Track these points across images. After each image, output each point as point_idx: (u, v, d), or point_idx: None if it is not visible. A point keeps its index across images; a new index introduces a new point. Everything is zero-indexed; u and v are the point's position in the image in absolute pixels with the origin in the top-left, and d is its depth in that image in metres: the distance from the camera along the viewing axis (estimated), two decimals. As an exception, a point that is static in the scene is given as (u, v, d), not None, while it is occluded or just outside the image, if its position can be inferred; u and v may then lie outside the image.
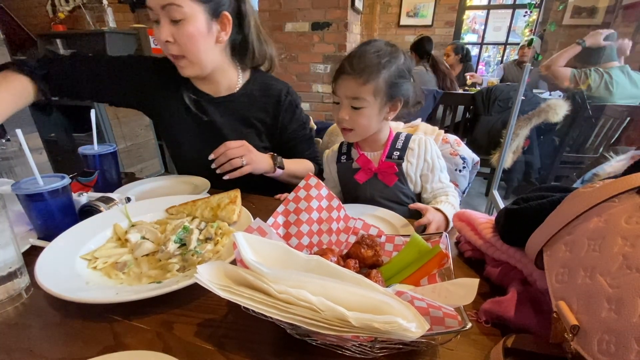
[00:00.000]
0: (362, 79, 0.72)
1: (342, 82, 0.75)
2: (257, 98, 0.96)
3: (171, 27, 0.77)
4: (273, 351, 0.42)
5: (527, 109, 2.14)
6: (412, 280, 0.49)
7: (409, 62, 0.77)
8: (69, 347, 0.39)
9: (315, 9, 2.56)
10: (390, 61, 0.73)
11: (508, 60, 3.88)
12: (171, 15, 0.75)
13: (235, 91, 0.95)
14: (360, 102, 0.74)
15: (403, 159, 0.81)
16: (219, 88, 0.94)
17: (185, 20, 0.76)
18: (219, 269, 0.40)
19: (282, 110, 0.97)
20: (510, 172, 2.35)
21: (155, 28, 0.79)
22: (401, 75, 0.75)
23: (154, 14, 0.77)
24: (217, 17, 0.81)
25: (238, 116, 0.96)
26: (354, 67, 0.72)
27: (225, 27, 0.84)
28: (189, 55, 0.81)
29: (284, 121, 0.99)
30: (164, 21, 0.76)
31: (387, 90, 0.73)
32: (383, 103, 0.75)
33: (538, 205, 0.46)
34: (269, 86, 0.97)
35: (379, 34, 4.65)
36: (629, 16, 3.02)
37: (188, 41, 0.78)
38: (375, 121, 0.77)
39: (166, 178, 0.96)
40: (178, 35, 0.77)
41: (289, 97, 0.98)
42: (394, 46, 0.76)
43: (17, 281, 0.49)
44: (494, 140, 2.29)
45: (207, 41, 0.81)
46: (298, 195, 0.56)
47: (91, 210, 0.68)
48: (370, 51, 0.74)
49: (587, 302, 0.33)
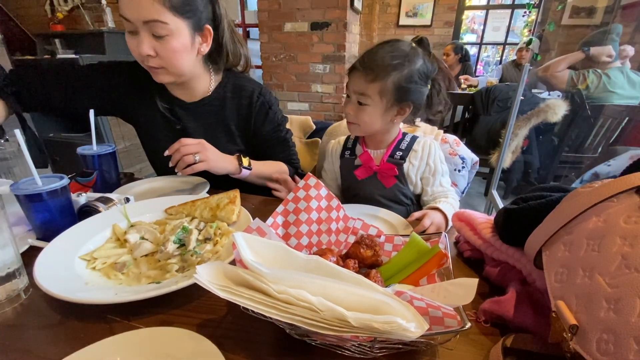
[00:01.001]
0: (370, 76, 0.71)
1: (352, 77, 0.75)
2: (229, 100, 0.94)
3: (152, 41, 0.74)
4: (272, 351, 0.42)
5: (526, 109, 2.15)
6: (411, 280, 0.49)
7: (428, 67, 0.75)
8: (68, 348, 0.39)
9: (314, 9, 2.56)
10: (403, 64, 0.71)
11: (506, 61, 3.88)
12: (154, 31, 0.73)
13: (208, 95, 0.94)
14: (365, 99, 0.73)
15: (405, 159, 0.81)
16: (193, 93, 0.93)
17: (170, 35, 0.74)
18: (218, 270, 0.40)
19: (254, 111, 0.95)
20: (509, 172, 2.35)
21: (130, 38, 0.76)
22: (414, 81, 0.73)
23: (130, 25, 0.73)
24: (200, 31, 0.81)
25: (211, 120, 0.94)
26: (365, 63, 0.72)
27: (207, 38, 0.84)
28: (170, 67, 0.80)
29: (257, 123, 0.96)
30: (145, 35, 0.74)
31: (395, 92, 0.72)
32: (389, 105, 0.74)
33: (537, 205, 0.46)
34: (242, 87, 0.95)
35: (378, 34, 4.65)
36: (627, 16, 3.02)
37: (172, 56, 0.77)
38: (379, 121, 0.76)
39: (165, 178, 0.96)
40: (161, 49, 0.75)
41: (261, 98, 0.95)
42: (414, 49, 0.74)
43: (16, 282, 0.49)
44: (492, 140, 2.30)
45: (190, 55, 0.81)
46: (297, 196, 0.56)
47: (90, 211, 0.67)
48: (385, 50, 0.73)
49: (586, 301, 0.33)
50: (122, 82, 0.93)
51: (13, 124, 0.73)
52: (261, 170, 0.92)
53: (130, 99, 0.94)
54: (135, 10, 0.71)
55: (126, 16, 0.72)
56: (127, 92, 0.93)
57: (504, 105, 2.31)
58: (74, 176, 0.81)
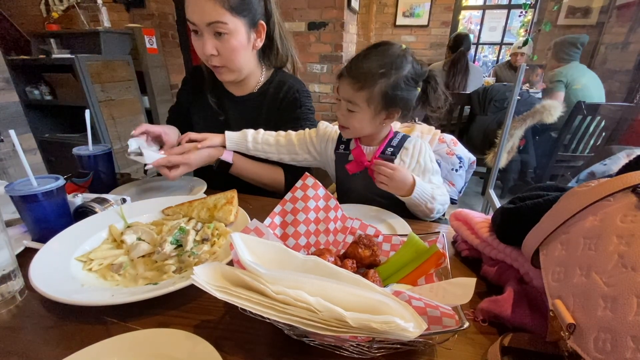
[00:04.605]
0: (358, 85, 0.71)
1: (341, 83, 0.75)
2: (271, 95, 0.97)
3: (215, 41, 0.81)
4: (270, 352, 0.41)
5: (523, 109, 2.16)
6: (409, 279, 0.49)
7: (417, 71, 0.74)
8: (64, 350, 0.39)
9: (311, 8, 2.56)
10: (390, 72, 0.71)
11: (501, 62, 3.89)
12: (216, 31, 0.79)
13: (255, 90, 0.98)
14: (353, 107, 0.74)
15: (396, 155, 0.81)
16: (243, 88, 0.98)
17: (229, 34, 0.80)
18: (215, 270, 0.40)
19: (284, 104, 0.96)
20: (505, 171, 2.36)
21: (196, 39, 0.83)
22: (401, 87, 0.72)
23: (194, 26, 0.80)
24: (255, 27, 0.86)
25: (253, 114, 0.97)
26: (353, 71, 0.72)
27: (261, 34, 0.89)
28: (230, 65, 0.86)
29: (283, 118, 0.97)
30: (208, 36, 0.80)
31: (382, 100, 0.72)
32: (377, 111, 0.74)
33: (534, 205, 0.47)
34: (284, 83, 0.97)
35: (375, 33, 4.66)
36: (622, 16, 3.05)
37: (231, 54, 0.83)
38: (369, 125, 0.77)
39: (162, 179, 0.95)
40: (222, 48, 0.82)
41: (296, 95, 0.96)
42: (402, 54, 0.73)
43: (11, 284, 0.49)
44: (489, 140, 2.31)
45: (247, 51, 0.86)
46: (295, 196, 0.56)
47: (86, 212, 0.67)
48: (372, 58, 0.72)
49: (583, 300, 0.33)
50: (187, 88, 1.05)
51: (7, 124, 0.72)
52: (254, 170, 0.93)
53: (190, 97, 1.03)
54: (200, 13, 0.77)
55: (192, 20, 0.79)
56: (189, 93, 1.03)
57: (500, 105, 2.32)
58: (70, 177, 0.80)
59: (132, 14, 2.84)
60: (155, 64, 2.70)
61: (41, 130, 2.53)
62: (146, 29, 2.56)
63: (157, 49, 2.66)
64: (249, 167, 0.92)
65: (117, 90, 2.43)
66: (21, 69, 2.35)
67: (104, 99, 2.34)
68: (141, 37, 2.54)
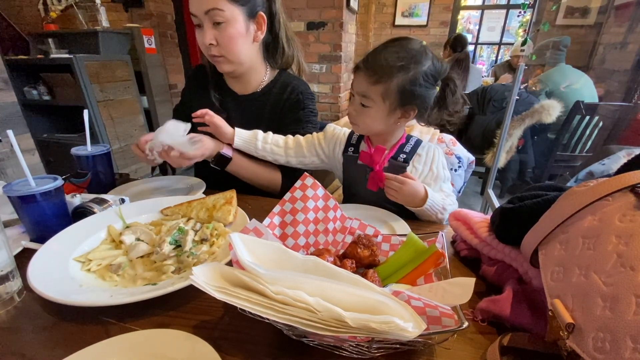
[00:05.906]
0: (374, 78, 0.69)
1: (356, 76, 0.73)
2: (274, 96, 0.96)
3: (213, 30, 0.82)
4: (270, 352, 0.41)
5: (521, 109, 2.16)
6: (408, 279, 0.49)
7: (437, 68, 0.71)
8: (63, 351, 0.38)
9: (310, 8, 2.56)
10: (408, 66, 0.68)
11: (500, 62, 3.90)
12: (213, 19, 0.80)
13: (258, 90, 0.97)
14: (368, 101, 0.72)
15: (409, 162, 0.80)
16: (246, 86, 0.98)
17: (227, 22, 0.81)
18: (214, 271, 0.40)
19: (287, 104, 0.96)
20: (504, 171, 2.37)
21: (198, 32, 0.85)
22: (419, 83, 0.69)
23: (197, 19, 0.82)
24: (254, 17, 0.86)
25: (253, 115, 0.97)
26: (369, 63, 0.70)
27: (261, 26, 0.89)
28: (229, 55, 0.86)
29: (286, 119, 0.96)
30: (207, 25, 0.81)
31: (399, 95, 0.69)
32: (393, 108, 0.71)
33: (533, 205, 0.47)
34: (288, 84, 0.97)
35: (374, 33, 4.66)
36: (620, 16, 3.06)
37: (229, 42, 0.83)
38: (381, 124, 0.75)
39: (161, 179, 0.95)
40: (220, 37, 0.83)
41: (299, 96, 0.96)
42: (422, 49, 0.70)
43: (9, 284, 0.48)
44: (487, 139, 2.31)
45: (245, 41, 0.86)
46: (294, 196, 0.56)
47: (84, 212, 0.67)
48: (390, 50, 0.70)
49: (582, 300, 0.33)
50: (190, 87, 1.07)
51: (6, 125, 0.72)
52: (252, 169, 0.92)
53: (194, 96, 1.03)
54: (198, 2, 0.80)
55: (192, 11, 0.81)
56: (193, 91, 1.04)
57: (499, 105, 2.33)
58: (68, 177, 0.80)
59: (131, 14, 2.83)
60: (154, 64, 2.69)
61: (39, 131, 2.52)
62: (145, 28, 2.56)
63: (155, 48, 2.66)
64: (247, 165, 0.92)
65: (115, 90, 2.43)
66: (19, 69, 2.34)
67: (102, 99, 2.34)
68: (140, 37, 2.53)
